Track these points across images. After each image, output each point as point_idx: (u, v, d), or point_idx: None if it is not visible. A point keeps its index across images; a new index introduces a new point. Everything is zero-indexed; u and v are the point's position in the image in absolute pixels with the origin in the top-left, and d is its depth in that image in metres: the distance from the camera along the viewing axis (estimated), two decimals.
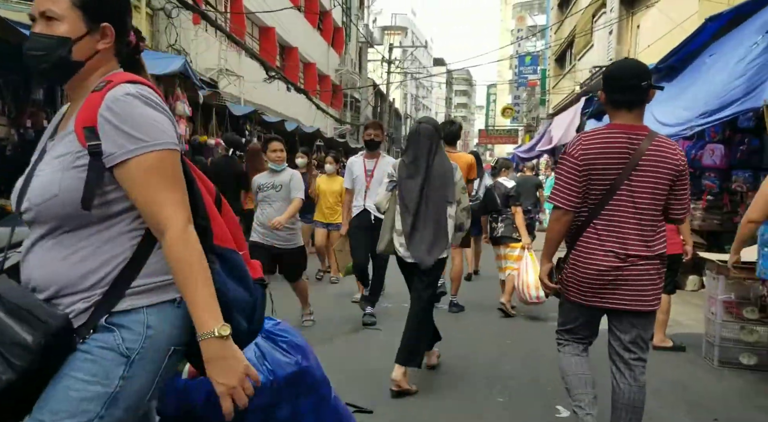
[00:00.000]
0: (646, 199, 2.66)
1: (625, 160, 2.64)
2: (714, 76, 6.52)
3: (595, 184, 2.69)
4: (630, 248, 2.67)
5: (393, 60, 33.69)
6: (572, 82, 25.29)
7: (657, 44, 14.48)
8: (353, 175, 5.92)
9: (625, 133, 2.67)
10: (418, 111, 57.07)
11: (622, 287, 2.70)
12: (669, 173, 2.65)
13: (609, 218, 2.68)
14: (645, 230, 2.68)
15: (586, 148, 2.68)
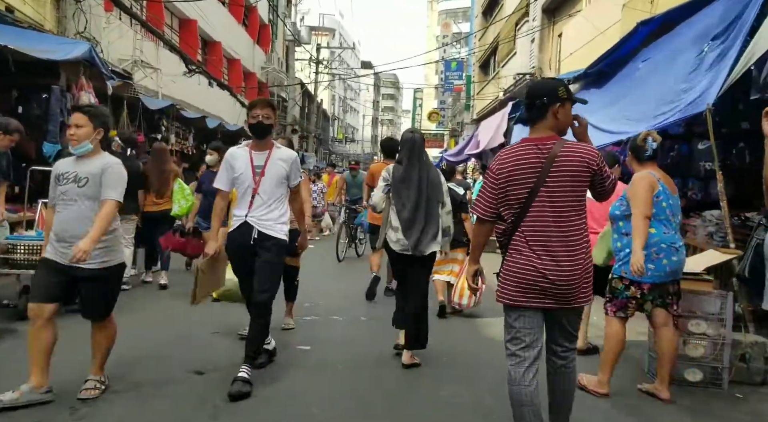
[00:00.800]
0: (564, 200, 2.82)
1: (539, 167, 2.81)
2: (655, 83, 6.32)
3: (515, 193, 2.85)
4: (554, 247, 2.81)
5: (321, 60, 32.94)
6: (496, 88, 25.52)
7: (580, 52, 14.60)
8: (234, 172, 4.11)
9: (535, 144, 2.86)
10: (346, 113, 56.51)
11: (551, 286, 2.81)
12: (583, 172, 2.81)
13: (533, 222, 2.83)
14: (567, 229, 2.83)
15: (502, 163, 2.89)
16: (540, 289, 2.82)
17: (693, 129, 7.03)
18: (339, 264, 10.03)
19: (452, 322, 6.22)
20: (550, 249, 2.81)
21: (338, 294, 7.39)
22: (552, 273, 2.79)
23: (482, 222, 2.99)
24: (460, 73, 33.52)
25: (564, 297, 2.83)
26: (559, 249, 2.80)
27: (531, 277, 2.82)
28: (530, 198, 2.83)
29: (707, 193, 7.05)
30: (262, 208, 4.06)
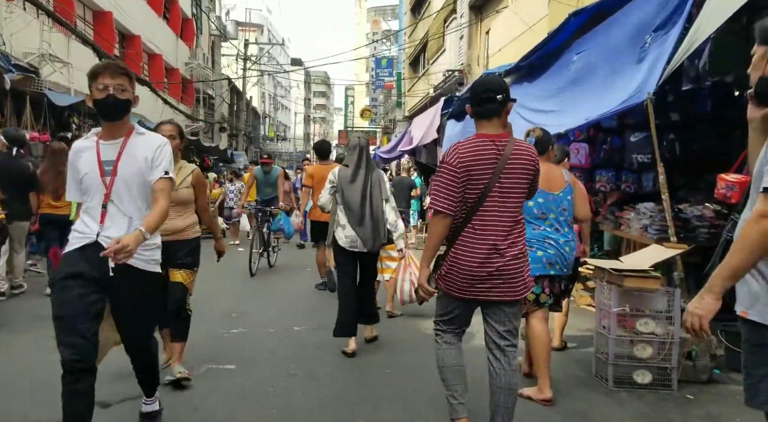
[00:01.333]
0: (512, 198, 2.90)
1: (494, 164, 2.85)
2: (594, 76, 6.13)
3: (471, 188, 2.86)
4: (502, 243, 2.87)
5: (249, 56, 31.86)
6: (427, 84, 25.44)
7: (508, 48, 14.58)
8: (79, 174, 2.87)
9: (492, 140, 2.88)
10: (277, 110, 55.26)
11: (496, 280, 2.88)
12: (528, 173, 2.93)
13: (484, 217, 2.87)
14: (513, 226, 2.91)
15: (463, 156, 2.86)
16: (484, 281, 2.88)
17: (625, 121, 6.92)
18: (267, 271, 9.26)
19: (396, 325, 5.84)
20: (497, 244, 2.87)
21: (270, 303, 6.85)
22: (498, 266, 2.86)
23: (444, 216, 2.89)
24: (391, 70, 33.29)
25: (508, 290, 2.91)
26: (504, 243, 2.88)
27: (477, 270, 2.87)
28: (485, 193, 2.86)
29: (640, 185, 6.97)
30: (119, 223, 2.79)
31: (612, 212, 7.19)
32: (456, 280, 2.92)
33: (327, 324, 5.12)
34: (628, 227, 6.83)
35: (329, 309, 5.59)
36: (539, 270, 3.80)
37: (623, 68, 5.44)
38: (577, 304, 7.15)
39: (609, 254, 7.91)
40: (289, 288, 7.86)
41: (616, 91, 5.48)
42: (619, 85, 5.40)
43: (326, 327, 5.09)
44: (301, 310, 6.49)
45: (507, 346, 2.99)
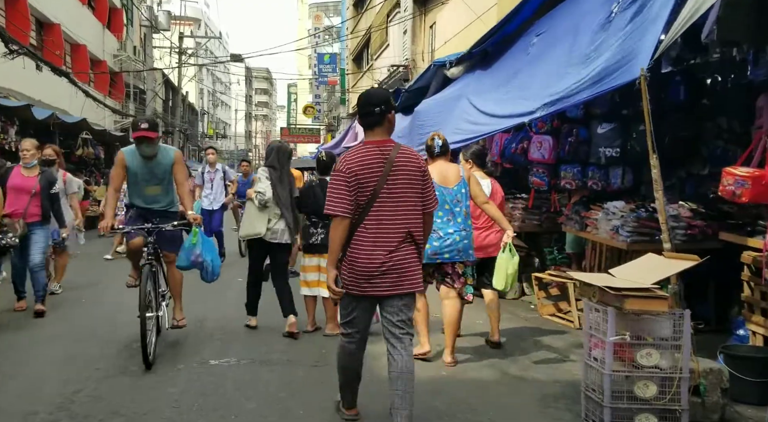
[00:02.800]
0: (402, 198, 3.12)
1: (381, 168, 3.08)
2: (555, 55, 5.27)
3: (361, 191, 3.07)
4: (394, 241, 3.09)
5: (185, 49, 30.01)
6: (371, 80, 24.57)
7: (455, 40, 13.81)
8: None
9: (377, 146, 3.13)
10: (216, 107, 53.01)
11: (390, 274, 3.08)
12: (416, 174, 3.16)
13: (375, 218, 3.08)
14: (406, 225, 3.12)
15: (350, 163, 3.08)
16: (377, 277, 3.06)
17: (592, 111, 6.14)
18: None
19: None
20: (390, 242, 3.07)
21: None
22: (390, 263, 3.06)
23: (341, 219, 3.07)
24: (334, 65, 32.15)
25: (399, 285, 3.09)
26: (395, 241, 3.08)
27: (371, 268, 3.05)
28: (374, 196, 3.06)
29: (608, 182, 6.21)
30: None
31: (577, 211, 6.40)
32: (353, 278, 3.09)
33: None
34: (596, 228, 6.05)
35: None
36: (426, 258, 4.02)
37: (590, 44, 4.58)
38: (540, 314, 6.34)
39: (570, 257, 7.15)
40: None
41: (585, 71, 4.62)
42: (586, 64, 4.54)
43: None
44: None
45: (402, 334, 3.15)
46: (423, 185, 3.17)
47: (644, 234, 5.53)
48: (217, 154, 9.74)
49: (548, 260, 7.34)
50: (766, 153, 3.62)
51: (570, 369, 4.35)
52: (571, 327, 5.83)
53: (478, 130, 6.89)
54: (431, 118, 8.63)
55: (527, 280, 7.31)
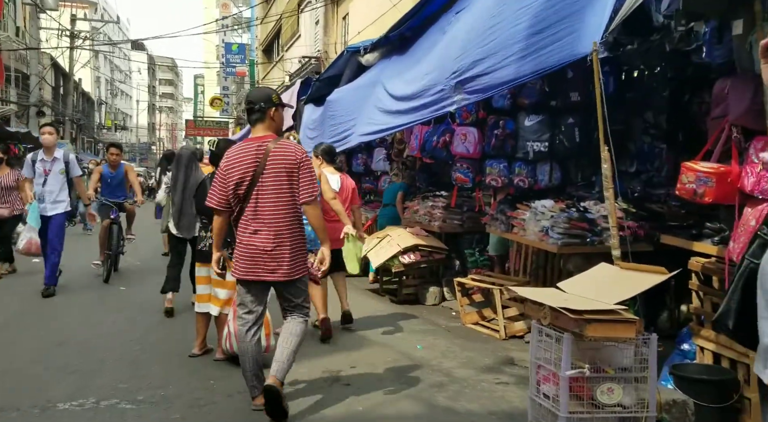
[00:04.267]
0: (275, 188, 3.27)
1: (257, 161, 3.27)
2: (480, 27, 4.59)
3: (240, 183, 3.27)
4: (269, 230, 3.26)
5: (77, 33, 27.29)
6: (282, 72, 23.46)
7: (368, 30, 13.11)
8: None
9: (255, 142, 3.33)
10: (116, 96, 49.25)
11: (269, 262, 3.27)
12: (290, 165, 3.28)
13: (253, 207, 3.28)
14: (279, 214, 3.28)
15: (227, 160, 3.32)
16: (260, 263, 3.27)
17: (519, 101, 5.58)
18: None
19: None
20: (267, 231, 3.26)
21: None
22: (266, 249, 3.26)
23: (219, 212, 3.37)
24: (243, 56, 30.58)
25: (278, 271, 3.28)
26: (273, 230, 3.27)
27: (252, 254, 3.27)
28: (251, 187, 3.27)
29: (535, 178, 5.69)
30: None
31: (502, 211, 5.84)
32: (240, 264, 3.31)
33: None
34: (523, 229, 5.50)
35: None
36: None
37: (528, 11, 3.95)
38: (463, 322, 5.73)
39: (492, 260, 6.61)
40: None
41: (514, 39, 4.00)
42: (526, 36, 3.91)
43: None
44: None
45: (296, 312, 3.43)
46: (298, 177, 3.28)
47: (575, 237, 5.03)
48: (56, 134, 6.75)
49: (469, 263, 6.77)
50: (732, 144, 3.12)
51: (504, 396, 3.71)
52: (496, 337, 5.25)
53: (389, 121, 6.21)
54: (344, 108, 7.85)
55: (448, 285, 6.70)
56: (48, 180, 6.47)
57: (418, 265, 6.64)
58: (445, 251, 6.77)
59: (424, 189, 7.79)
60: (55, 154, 6.57)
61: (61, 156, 6.62)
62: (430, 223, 6.91)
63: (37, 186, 6.48)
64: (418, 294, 6.71)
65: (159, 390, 3.67)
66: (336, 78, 9.62)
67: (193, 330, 4.64)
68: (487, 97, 5.56)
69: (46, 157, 6.53)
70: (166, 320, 5.54)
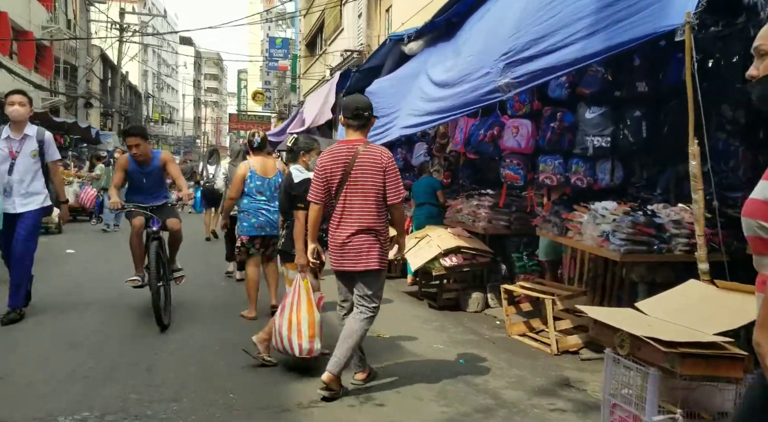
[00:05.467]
0: (361, 187, 3.55)
1: (347, 162, 3.55)
2: (544, 4, 4.04)
3: (332, 182, 3.59)
4: (353, 225, 3.55)
5: (127, 26, 27.70)
6: (323, 66, 23.21)
7: (411, 21, 12.64)
8: None
9: (346, 145, 3.62)
10: (162, 90, 50.12)
11: (350, 253, 3.56)
12: (376, 169, 3.54)
13: (342, 203, 3.58)
14: (363, 211, 3.56)
15: (323, 159, 3.64)
16: (345, 255, 3.56)
17: (579, 91, 5.01)
18: None
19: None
20: (351, 226, 3.55)
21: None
22: (349, 242, 3.54)
23: (314, 205, 3.62)
24: (285, 51, 30.48)
25: (355, 263, 3.55)
26: (356, 225, 3.54)
27: (339, 246, 3.57)
28: (340, 185, 3.56)
29: (595, 177, 5.11)
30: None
31: (556, 212, 5.29)
32: (330, 256, 3.67)
33: None
34: (579, 234, 4.95)
35: None
36: (253, 231, 5.31)
37: None
38: (508, 333, 5.22)
39: (542, 266, 6.05)
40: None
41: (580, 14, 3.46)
42: (583, 3, 3.36)
43: None
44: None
45: (363, 307, 3.62)
46: (384, 179, 3.54)
47: (641, 243, 4.47)
48: (28, 106, 5.02)
49: (517, 268, 6.23)
50: None
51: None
52: (546, 352, 4.71)
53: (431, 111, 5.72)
54: (385, 99, 7.37)
55: (492, 291, 6.18)
56: (16, 165, 4.87)
57: (460, 269, 6.14)
58: (490, 254, 6.25)
59: (467, 186, 7.28)
60: (26, 131, 4.92)
61: (33, 133, 4.96)
62: (474, 224, 6.40)
63: (1, 173, 4.86)
64: (459, 299, 6.22)
65: (172, 403, 3.30)
66: (377, 69, 9.19)
67: (216, 335, 4.31)
68: (543, 86, 5.05)
69: (13, 134, 4.89)
70: (188, 324, 5.20)
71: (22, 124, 4.93)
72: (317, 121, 12.73)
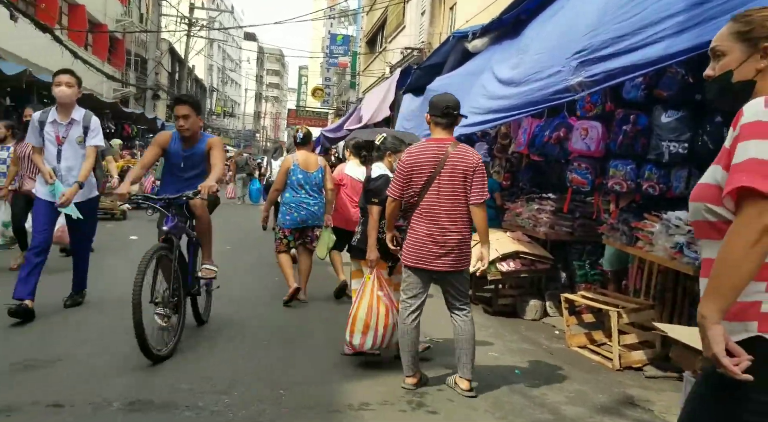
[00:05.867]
0: (450, 187, 3.55)
1: (435, 162, 3.56)
2: (627, 1, 3.81)
3: (416, 179, 3.59)
4: (440, 223, 3.55)
5: (195, 20, 28.52)
6: (383, 63, 23.19)
7: (478, 18, 12.37)
8: None
9: (435, 144, 3.63)
10: (225, 84, 51.46)
11: (438, 252, 3.55)
12: (467, 168, 3.55)
13: (428, 202, 3.58)
14: (451, 210, 3.56)
15: (408, 156, 3.63)
16: (429, 252, 3.55)
17: (656, 93, 4.71)
18: None
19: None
20: (437, 224, 3.55)
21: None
22: (440, 240, 3.54)
23: (393, 200, 3.68)
24: (346, 47, 30.66)
25: (445, 261, 3.55)
26: (443, 223, 3.55)
27: (423, 243, 3.56)
28: (427, 184, 3.57)
29: (668, 185, 4.79)
30: None
31: (625, 220, 5.01)
32: (409, 252, 3.62)
33: None
34: (650, 244, 4.66)
35: None
36: (295, 224, 5.65)
37: None
38: (568, 344, 4.98)
39: (606, 276, 5.76)
40: None
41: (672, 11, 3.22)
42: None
43: None
44: None
45: (461, 305, 3.68)
46: (472, 179, 3.54)
47: None
48: (77, 87, 4.62)
49: (578, 276, 5.95)
50: None
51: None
52: (608, 367, 4.46)
53: (494, 109, 5.54)
54: None
55: (551, 299, 5.93)
56: (63, 152, 4.59)
57: (517, 274, 5.92)
58: (551, 261, 6.00)
59: (527, 189, 7.03)
60: (73, 115, 4.60)
61: (80, 118, 4.63)
62: (535, 229, 6.16)
63: (49, 160, 4.58)
64: (515, 306, 6.00)
65: (223, 396, 3.27)
66: (438, 66, 9.03)
67: (269, 325, 4.28)
68: (617, 87, 4.79)
69: (60, 117, 4.58)
70: (240, 313, 5.22)
71: (69, 107, 4.60)
72: (375, 117, 12.67)
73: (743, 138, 1.44)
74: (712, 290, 1.42)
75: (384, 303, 3.86)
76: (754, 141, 1.42)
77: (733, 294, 1.39)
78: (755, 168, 1.38)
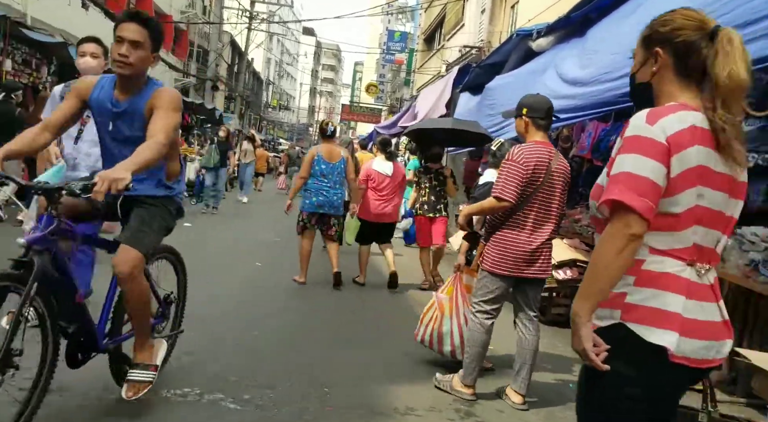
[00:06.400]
0: (550, 193, 3.47)
1: (545, 169, 3.43)
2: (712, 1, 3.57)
3: (530, 183, 3.41)
4: (539, 229, 3.46)
5: (256, 14, 29.04)
6: (440, 61, 23.00)
7: (542, 16, 12.05)
8: None
9: (545, 147, 3.49)
10: (281, 78, 52.27)
11: (531, 260, 3.44)
12: (564, 180, 3.53)
13: (530, 209, 3.43)
14: (548, 216, 3.48)
15: (528, 158, 3.39)
16: (524, 260, 3.42)
17: None
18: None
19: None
20: (535, 231, 3.43)
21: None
22: (537, 248, 3.43)
23: (507, 203, 3.37)
24: (403, 44, 30.59)
25: (540, 270, 3.47)
26: (541, 230, 3.45)
27: (519, 250, 3.41)
28: (536, 190, 3.41)
29: (746, 198, 4.47)
30: None
31: None
32: (502, 259, 3.42)
33: None
34: (722, 260, 4.38)
35: None
36: (313, 208, 5.97)
37: None
38: None
39: None
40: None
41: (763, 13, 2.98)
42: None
43: None
44: None
45: (534, 315, 3.59)
46: (564, 189, 3.52)
47: None
48: (103, 58, 3.81)
49: None
50: None
51: None
52: None
53: (559, 106, 5.32)
54: (505, 96, 7.02)
55: None
56: (84, 133, 3.74)
57: (574, 283, 5.69)
58: None
59: (587, 195, 6.76)
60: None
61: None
62: (594, 236, 5.90)
63: (66, 141, 3.77)
64: (569, 315, 5.77)
65: (268, 390, 3.23)
66: (499, 65, 8.80)
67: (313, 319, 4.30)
68: None
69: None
70: (287, 304, 5.22)
71: (99, 67, 3.77)
72: (430, 115, 12.53)
73: (623, 150, 1.52)
74: (585, 290, 1.52)
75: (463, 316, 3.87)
76: (631, 155, 1.49)
77: (602, 295, 1.51)
78: (627, 182, 1.47)
